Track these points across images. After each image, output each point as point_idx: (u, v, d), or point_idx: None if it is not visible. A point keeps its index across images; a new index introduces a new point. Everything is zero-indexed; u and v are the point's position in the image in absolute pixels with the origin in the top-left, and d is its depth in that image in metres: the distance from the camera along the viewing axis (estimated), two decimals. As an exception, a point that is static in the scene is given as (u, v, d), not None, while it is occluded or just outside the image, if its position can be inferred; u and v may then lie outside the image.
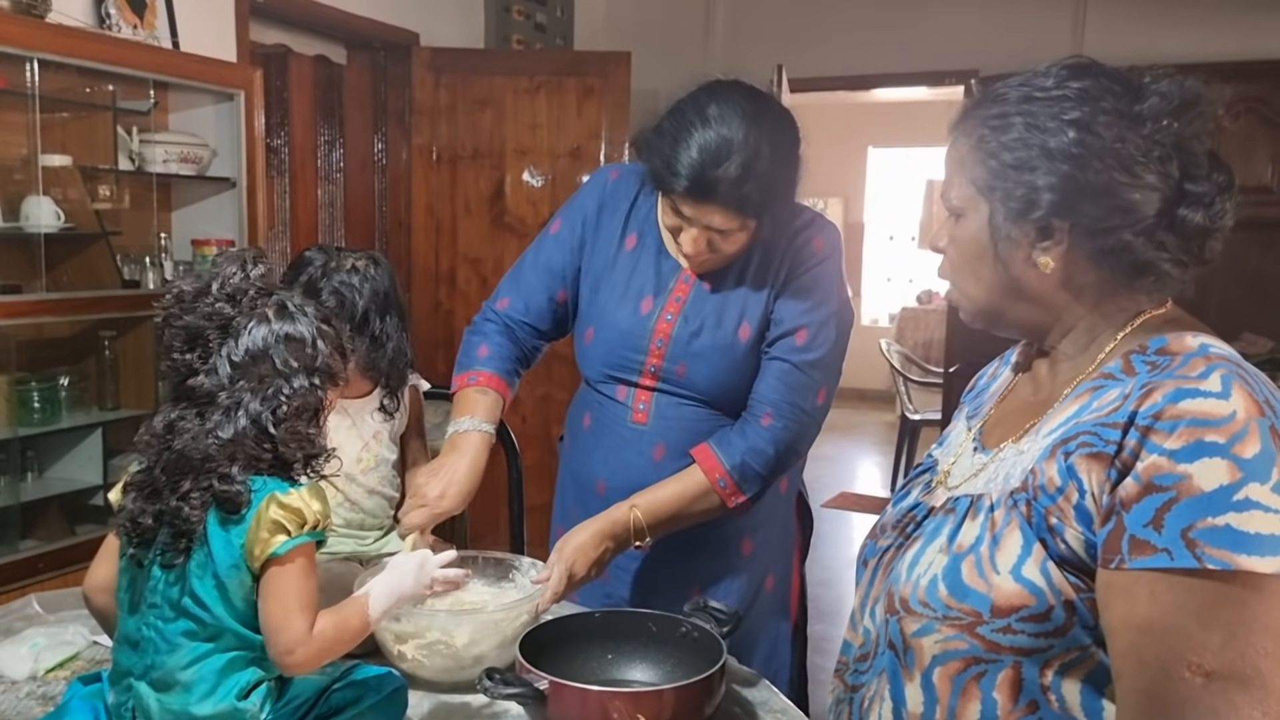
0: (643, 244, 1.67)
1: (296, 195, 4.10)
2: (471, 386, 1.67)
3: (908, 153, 8.56)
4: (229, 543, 1.11)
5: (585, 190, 1.73)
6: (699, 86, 1.52)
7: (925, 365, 6.68)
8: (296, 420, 1.16)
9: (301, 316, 1.19)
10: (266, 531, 1.10)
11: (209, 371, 1.14)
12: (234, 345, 1.15)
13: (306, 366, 1.17)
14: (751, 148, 1.43)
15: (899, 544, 1.05)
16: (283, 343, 1.16)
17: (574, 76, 4.14)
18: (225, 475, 1.11)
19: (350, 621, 1.17)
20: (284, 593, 1.11)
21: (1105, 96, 0.93)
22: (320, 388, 1.19)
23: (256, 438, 1.13)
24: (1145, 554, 0.81)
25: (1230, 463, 0.79)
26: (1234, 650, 0.78)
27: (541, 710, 1.24)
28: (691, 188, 1.45)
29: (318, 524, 1.14)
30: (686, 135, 1.45)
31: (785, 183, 1.50)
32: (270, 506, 1.11)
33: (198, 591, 1.11)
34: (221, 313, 1.15)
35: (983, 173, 0.97)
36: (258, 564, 1.11)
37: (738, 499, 1.56)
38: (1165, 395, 0.84)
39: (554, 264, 1.72)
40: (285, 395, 1.15)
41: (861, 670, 1.04)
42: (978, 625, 0.90)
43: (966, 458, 1.07)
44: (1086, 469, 0.87)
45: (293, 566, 1.12)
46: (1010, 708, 0.89)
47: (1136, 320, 0.97)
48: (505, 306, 1.74)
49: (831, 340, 1.59)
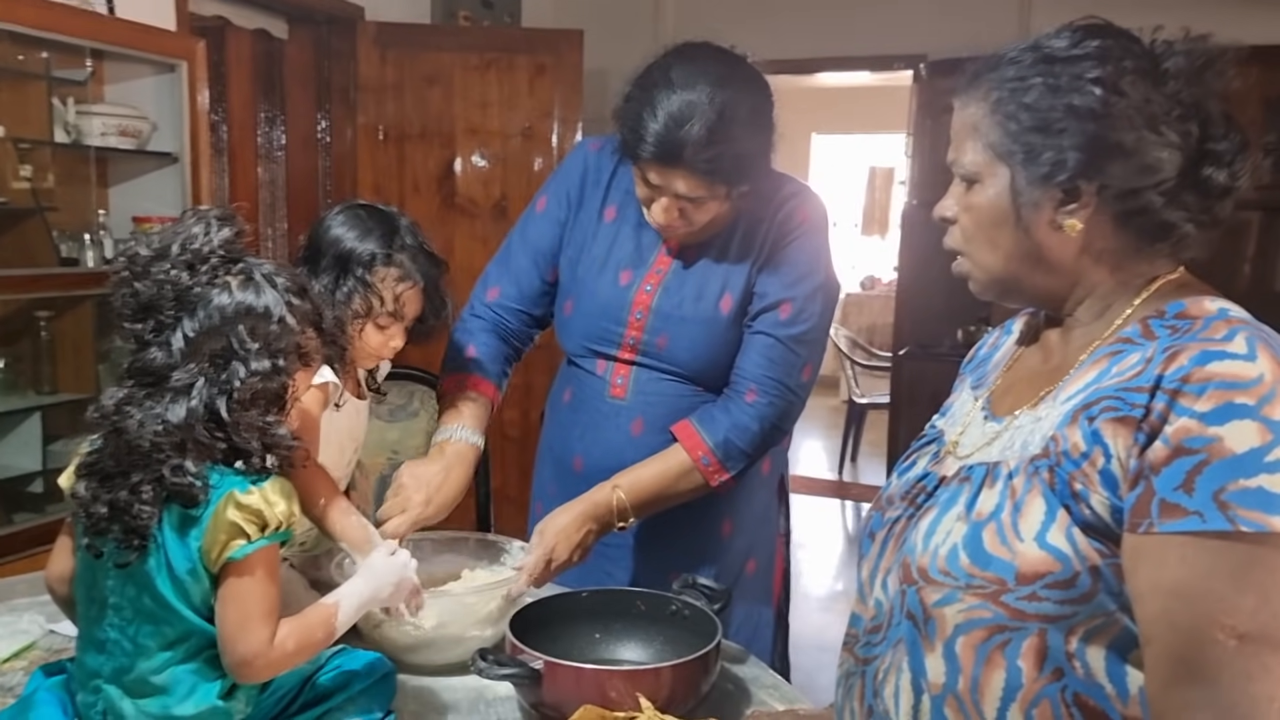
0: (623, 215, 1.63)
1: (235, 175, 3.96)
2: (461, 391, 1.61)
3: (851, 140, 8.62)
4: (185, 545, 1.02)
5: (568, 164, 1.69)
6: (668, 50, 1.47)
7: (870, 349, 6.74)
8: (253, 406, 1.05)
9: (268, 287, 1.07)
10: (224, 534, 1.01)
11: (162, 346, 1.04)
12: (189, 319, 1.04)
13: (269, 345, 1.05)
14: (717, 110, 1.39)
15: (909, 514, 1.03)
16: (242, 317, 1.04)
17: (525, 54, 4.07)
18: (177, 467, 1.00)
19: (314, 632, 1.08)
20: (243, 600, 1.03)
21: (1126, 55, 0.91)
22: (284, 370, 1.07)
23: (208, 424, 1.02)
24: (1176, 517, 0.80)
25: (1260, 424, 0.79)
26: (1268, 612, 0.77)
27: (536, 690, 1.20)
28: (657, 153, 1.41)
29: (280, 525, 1.04)
30: (652, 100, 1.41)
31: (757, 148, 1.46)
32: (228, 507, 1.02)
33: (160, 593, 1.03)
34: (178, 281, 1.04)
35: (1001, 136, 0.94)
36: (215, 568, 1.03)
37: (721, 477, 1.53)
38: (1191, 358, 0.83)
39: (543, 243, 1.67)
40: (242, 378, 1.03)
41: (874, 642, 1.02)
42: (1002, 593, 0.88)
43: (976, 427, 1.05)
44: (1112, 433, 0.85)
45: (251, 571, 1.03)
46: (1035, 675, 0.88)
47: (1152, 285, 0.96)
48: (496, 297, 1.68)
49: (817, 314, 1.56)
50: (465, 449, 1.55)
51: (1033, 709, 0.88)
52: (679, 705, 1.21)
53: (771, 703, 1.33)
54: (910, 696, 0.95)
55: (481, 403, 1.61)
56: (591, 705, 1.14)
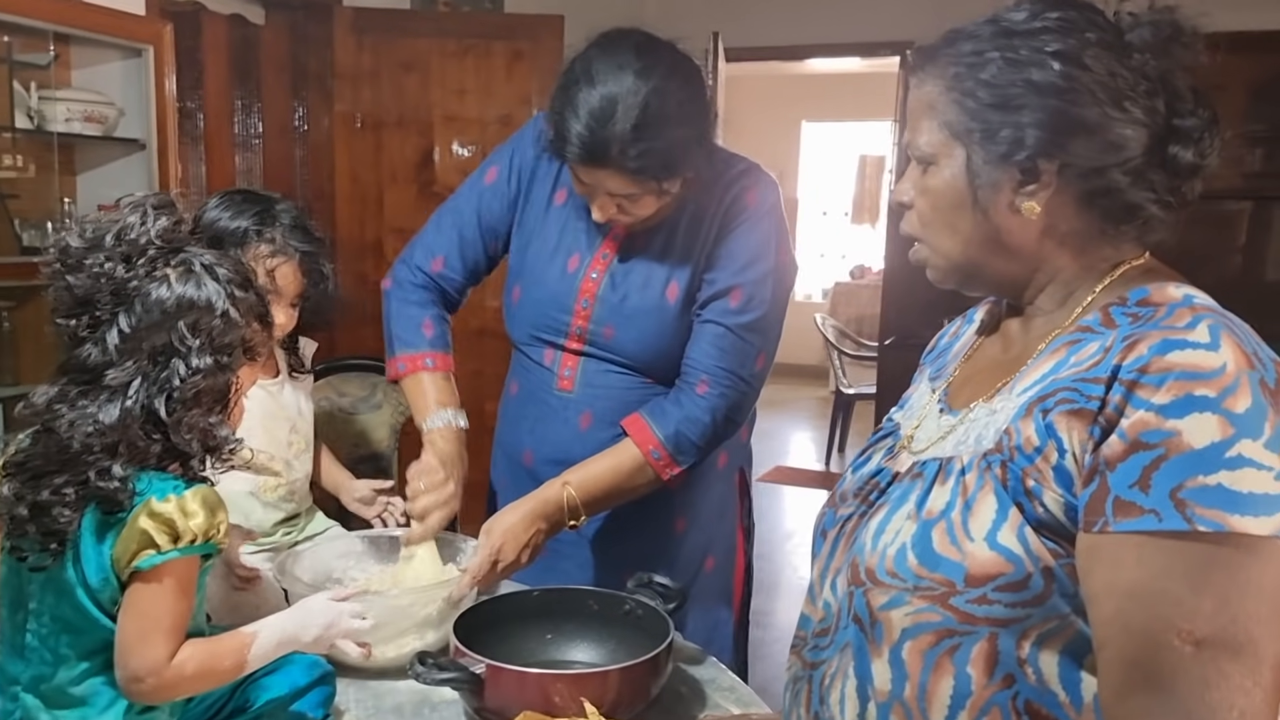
0: (572, 200, 1.57)
1: (212, 163, 3.89)
2: (431, 371, 1.57)
3: (841, 127, 8.56)
4: (100, 553, 0.98)
5: (522, 139, 1.61)
6: (590, 42, 1.40)
7: (859, 340, 6.70)
8: (195, 406, 1.00)
9: (209, 279, 1.02)
10: (135, 543, 0.97)
11: (97, 342, 0.98)
12: (126, 314, 0.98)
13: (211, 341, 1.00)
14: (641, 105, 1.31)
15: (862, 512, 0.98)
16: (183, 312, 0.99)
17: (503, 40, 4.00)
18: (103, 470, 0.96)
19: (220, 660, 1.02)
20: (144, 612, 0.97)
21: (1089, 27, 0.87)
22: (228, 367, 1.02)
23: (144, 425, 0.98)
24: (1131, 516, 0.76)
25: (1222, 418, 0.74)
26: (1226, 616, 0.73)
27: (478, 695, 1.17)
28: (582, 154, 1.35)
29: (195, 538, 0.98)
30: (573, 99, 1.34)
31: (689, 137, 1.38)
32: (141, 514, 0.97)
33: (79, 601, 0.99)
34: (113, 274, 0.98)
35: (958, 114, 0.90)
36: (124, 576, 0.98)
37: (672, 471, 1.48)
38: (1151, 347, 0.79)
39: (491, 218, 1.61)
40: (183, 376, 0.98)
41: (822, 646, 0.98)
42: (951, 596, 0.84)
43: (932, 420, 1.01)
44: (1067, 427, 0.81)
45: (158, 584, 0.97)
46: (985, 682, 0.84)
47: (1117, 271, 0.92)
48: (441, 269, 1.63)
49: (768, 301, 1.50)
50: (459, 433, 1.54)
51: (982, 717, 0.84)
52: (627, 709, 1.18)
53: (727, 705, 1.29)
54: (856, 704, 0.91)
55: (452, 382, 1.59)
56: (532, 712, 1.10)
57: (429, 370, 1.57)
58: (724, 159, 1.53)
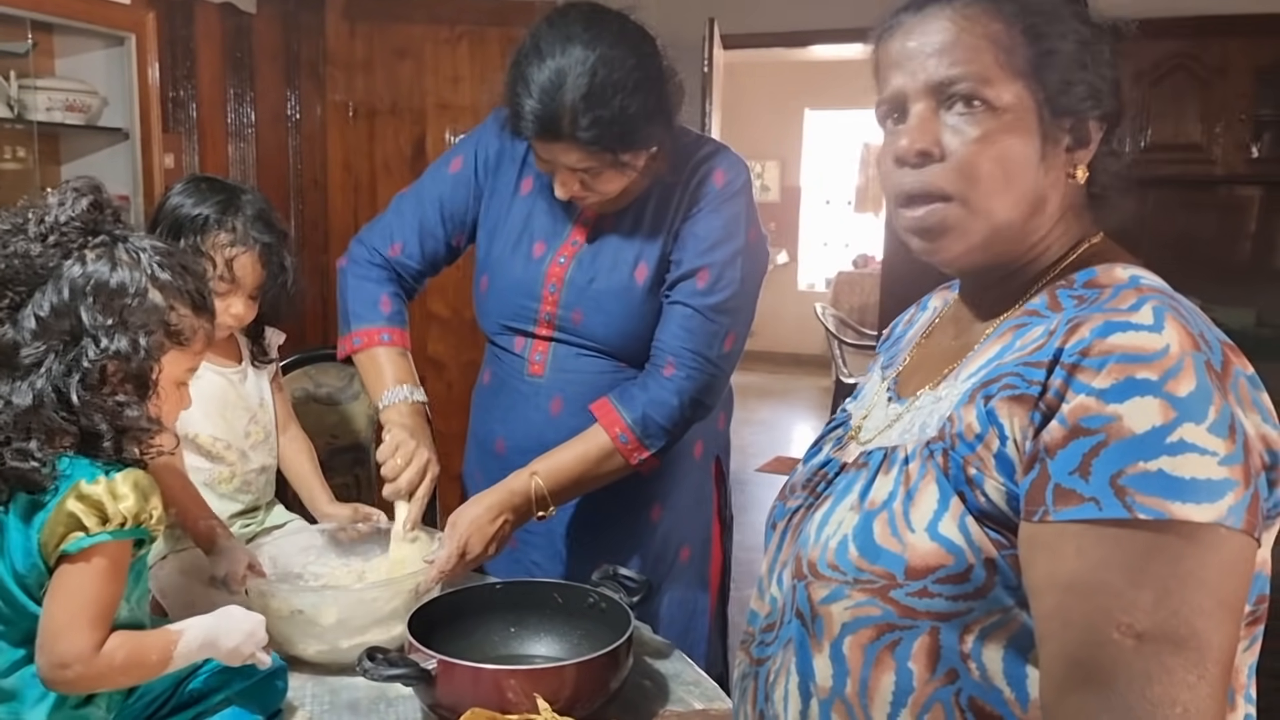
0: (539, 187, 1.55)
1: (205, 152, 3.88)
2: (387, 346, 1.54)
3: (844, 115, 8.48)
4: (28, 537, 0.96)
5: (486, 131, 1.59)
6: (541, 18, 1.38)
7: (861, 329, 6.66)
8: (105, 387, 0.98)
9: (127, 261, 1.00)
10: (62, 526, 0.95)
11: (14, 323, 0.97)
12: (40, 294, 0.97)
13: (124, 323, 0.98)
14: (589, 74, 1.30)
15: (809, 504, 0.95)
16: (94, 293, 0.98)
17: (497, 27, 3.97)
18: (19, 450, 0.94)
19: (148, 654, 1.00)
20: (71, 596, 0.95)
21: None
22: (146, 351, 0.99)
23: (57, 407, 0.95)
24: (1071, 504, 0.72)
25: (1163, 401, 0.71)
26: (1167, 608, 0.70)
27: (430, 691, 1.14)
28: (536, 129, 1.33)
29: (125, 522, 0.96)
30: (524, 74, 1.33)
31: (646, 107, 1.35)
32: (69, 497, 0.95)
33: (6, 587, 0.97)
34: (28, 254, 0.97)
35: (1031, 56, 0.84)
36: (51, 560, 0.95)
37: (641, 455, 1.44)
38: (1093, 330, 0.75)
39: (454, 206, 1.59)
40: (91, 357, 0.96)
41: (767, 642, 0.95)
42: (891, 589, 0.81)
43: (880, 409, 0.98)
44: (1008, 413, 0.78)
45: (87, 567, 0.95)
46: (927, 678, 0.80)
47: (1077, 250, 0.89)
48: (399, 254, 1.59)
49: (737, 281, 1.46)
50: (420, 407, 1.52)
51: (924, 714, 0.81)
52: (585, 704, 1.15)
53: (691, 700, 1.26)
54: (798, 701, 0.88)
55: (408, 358, 1.57)
56: (481, 709, 1.07)
57: (385, 345, 1.54)
58: (692, 140, 1.51)
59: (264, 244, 1.50)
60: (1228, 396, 0.72)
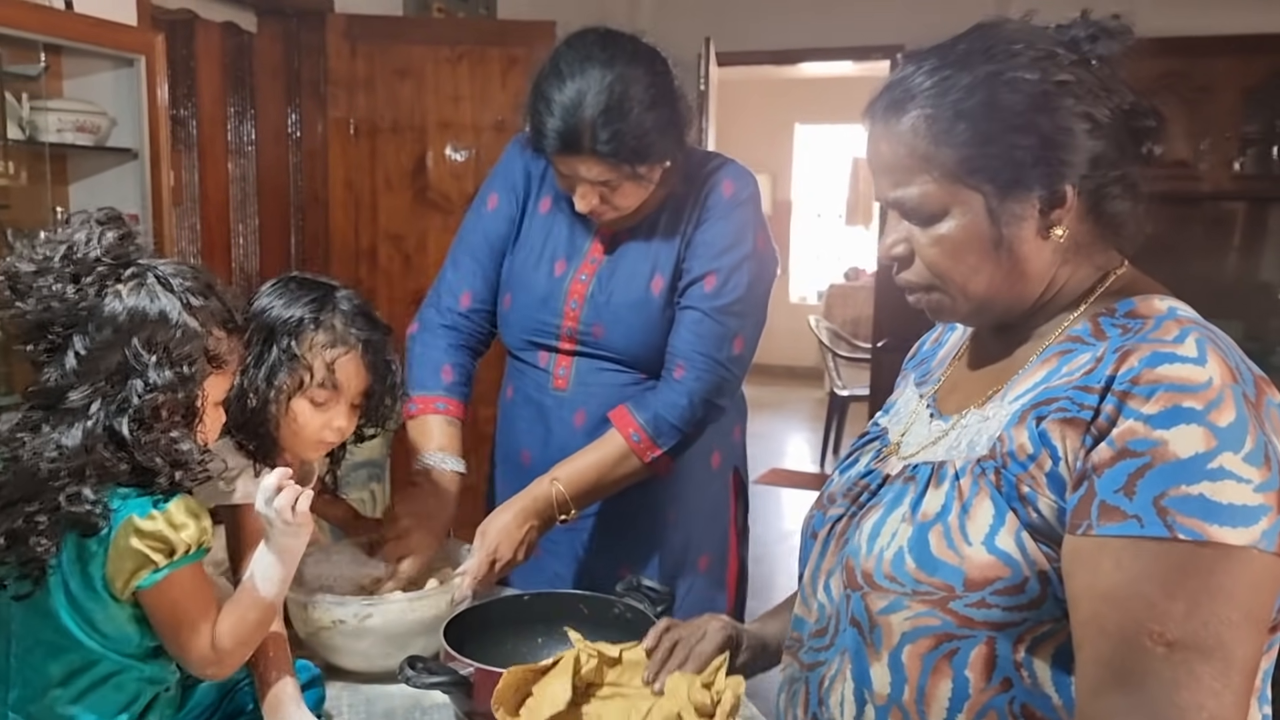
0: (557, 206, 1.62)
1: (206, 170, 3.91)
2: (440, 414, 1.58)
3: (834, 130, 8.58)
4: (87, 575, 0.97)
5: (508, 161, 1.67)
6: (559, 43, 1.48)
7: (854, 341, 6.72)
8: (158, 422, 0.98)
9: (162, 290, 0.99)
10: (129, 563, 0.96)
11: (56, 366, 0.97)
12: (80, 335, 0.96)
13: (169, 355, 0.97)
14: (607, 91, 1.39)
15: (852, 513, 0.99)
16: (137, 327, 0.97)
17: (497, 46, 4.02)
18: (73, 495, 0.94)
19: (247, 615, 1.03)
20: (169, 623, 0.99)
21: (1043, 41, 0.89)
22: (190, 380, 0.99)
23: (108, 446, 0.95)
24: (1114, 520, 0.78)
25: (1206, 430, 0.77)
26: (1197, 619, 0.75)
27: (468, 698, 1.17)
28: (558, 144, 1.42)
29: (190, 548, 0.98)
30: (545, 94, 1.42)
31: (661, 122, 1.44)
32: (129, 535, 0.95)
33: (62, 624, 0.98)
34: (63, 295, 0.96)
35: (956, 160, 0.87)
36: (125, 596, 0.97)
37: (654, 453, 1.50)
38: (1142, 359, 0.81)
39: (502, 241, 1.65)
40: (140, 393, 0.96)
41: (818, 648, 0.99)
42: (950, 600, 0.85)
43: (921, 425, 1.02)
44: (1060, 435, 0.83)
45: (169, 595, 0.98)
46: (983, 686, 0.85)
47: (1106, 282, 0.93)
48: (470, 303, 1.64)
49: (745, 284, 1.53)
50: (455, 479, 1.54)
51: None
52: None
53: (715, 707, 1.29)
54: (854, 706, 0.92)
55: (458, 426, 1.59)
56: (519, 666, 1.10)
57: (438, 413, 1.58)
58: (702, 155, 1.60)
59: (366, 342, 1.30)
60: (1263, 426, 0.78)
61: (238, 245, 4.08)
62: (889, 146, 0.90)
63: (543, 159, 1.57)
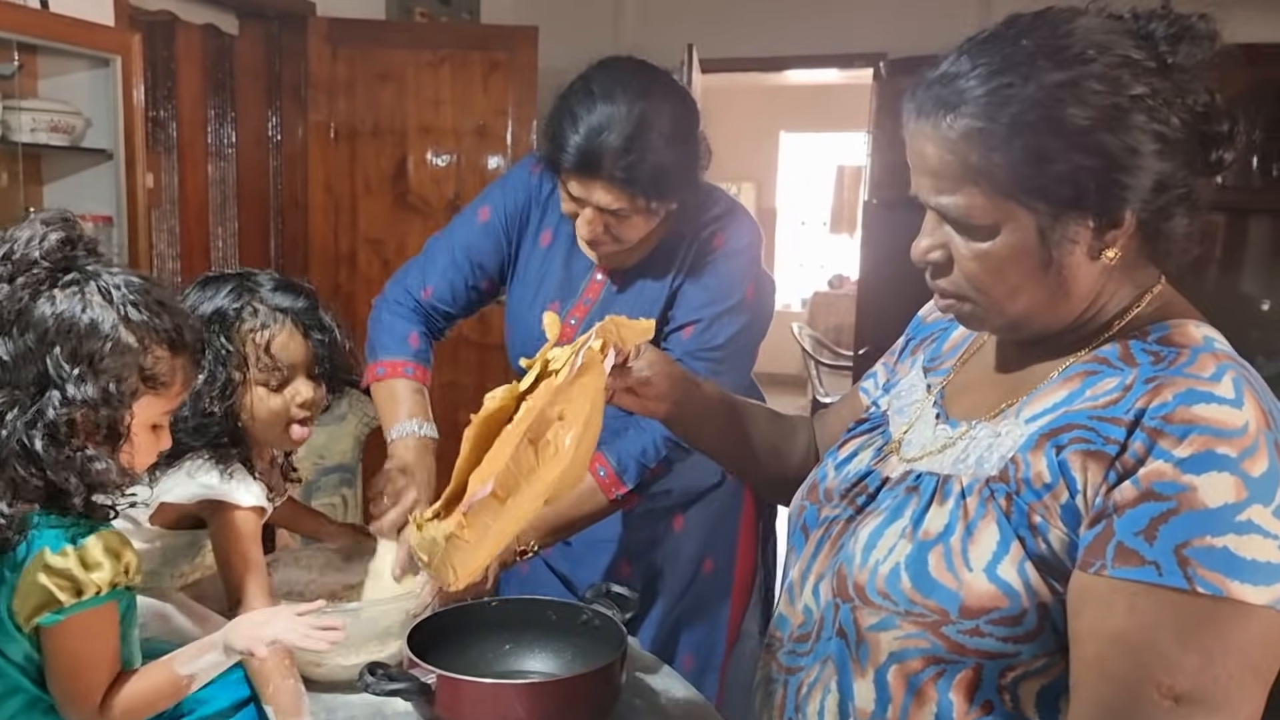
0: (556, 240, 1.61)
1: (185, 172, 3.89)
2: (407, 380, 1.57)
3: (819, 138, 8.60)
4: None
5: (513, 182, 1.65)
6: (592, 64, 1.47)
7: (836, 349, 6.73)
8: (74, 440, 0.90)
9: (100, 299, 0.91)
10: (35, 599, 0.89)
11: None
12: (5, 338, 0.90)
13: (94, 369, 0.90)
14: (635, 120, 1.38)
15: (849, 516, 0.96)
16: (63, 335, 0.89)
17: (479, 51, 4.01)
18: None
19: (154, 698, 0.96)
20: (63, 668, 0.92)
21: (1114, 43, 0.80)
22: (117, 398, 0.91)
23: (20, 460, 0.89)
24: (1131, 564, 0.75)
25: (1238, 479, 0.73)
26: (1209, 675, 0.73)
27: (430, 706, 1.16)
28: (577, 162, 1.40)
29: (100, 590, 0.90)
30: (573, 111, 1.41)
31: (679, 160, 1.43)
32: (38, 570, 0.89)
33: None
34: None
35: (1011, 176, 0.79)
36: (28, 629, 0.91)
37: (619, 490, 1.50)
38: (1177, 395, 0.77)
39: (482, 256, 1.64)
40: (57, 407, 0.89)
41: (800, 652, 0.97)
42: (943, 625, 0.83)
43: (926, 426, 0.97)
44: (1082, 466, 0.79)
45: (69, 639, 0.91)
46: (965, 709, 0.83)
47: (1142, 301, 0.88)
48: (430, 296, 1.64)
49: (727, 334, 1.52)
50: (431, 444, 1.54)
51: None
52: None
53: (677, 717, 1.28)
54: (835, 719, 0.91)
55: (425, 394, 1.59)
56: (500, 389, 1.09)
57: (406, 378, 1.57)
58: (707, 195, 1.57)
59: (293, 312, 1.29)
60: None
61: (217, 248, 4.05)
62: (935, 150, 0.82)
63: (551, 182, 1.56)
